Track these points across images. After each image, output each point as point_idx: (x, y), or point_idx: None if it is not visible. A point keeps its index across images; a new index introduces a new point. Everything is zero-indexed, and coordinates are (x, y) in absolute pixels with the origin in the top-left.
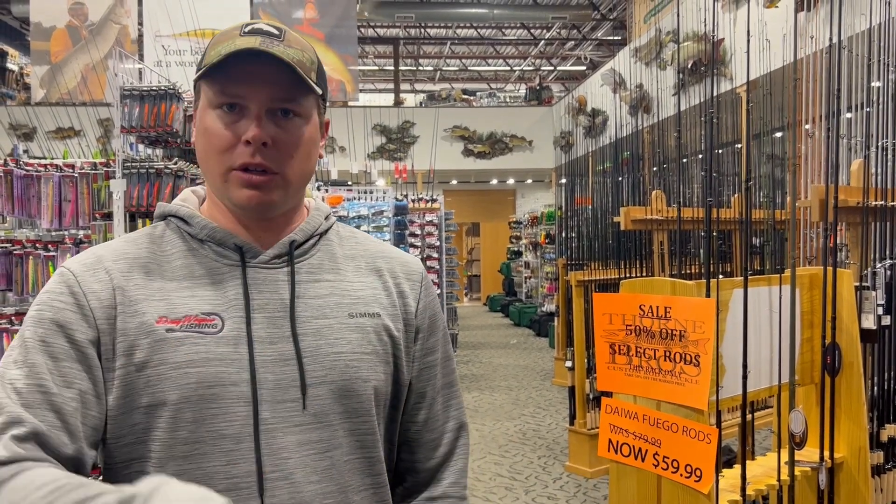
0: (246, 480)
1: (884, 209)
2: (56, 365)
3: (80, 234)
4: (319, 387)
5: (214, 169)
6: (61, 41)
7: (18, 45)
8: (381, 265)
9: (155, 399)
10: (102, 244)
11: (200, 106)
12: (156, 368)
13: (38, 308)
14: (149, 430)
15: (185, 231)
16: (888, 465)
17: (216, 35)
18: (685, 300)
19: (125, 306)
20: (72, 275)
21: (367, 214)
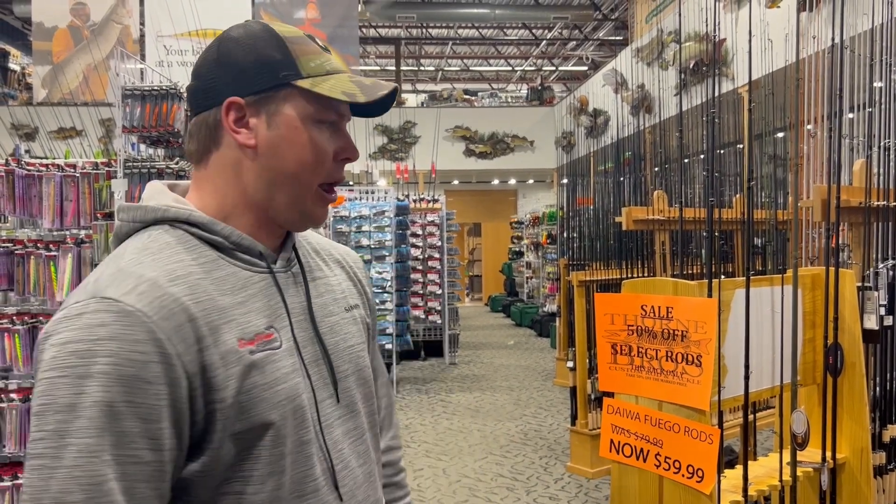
0: (324, 478)
1: (886, 209)
2: (148, 428)
3: (81, 233)
4: (346, 380)
5: (307, 184)
6: (63, 41)
7: (20, 45)
8: (338, 257)
9: (253, 423)
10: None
11: (290, 114)
12: (248, 393)
13: (110, 362)
14: (244, 451)
15: (199, 238)
16: (890, 465)
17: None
18: (687, 300)
19: (207, 338)
20: (142, 314)
21: (369, 215)
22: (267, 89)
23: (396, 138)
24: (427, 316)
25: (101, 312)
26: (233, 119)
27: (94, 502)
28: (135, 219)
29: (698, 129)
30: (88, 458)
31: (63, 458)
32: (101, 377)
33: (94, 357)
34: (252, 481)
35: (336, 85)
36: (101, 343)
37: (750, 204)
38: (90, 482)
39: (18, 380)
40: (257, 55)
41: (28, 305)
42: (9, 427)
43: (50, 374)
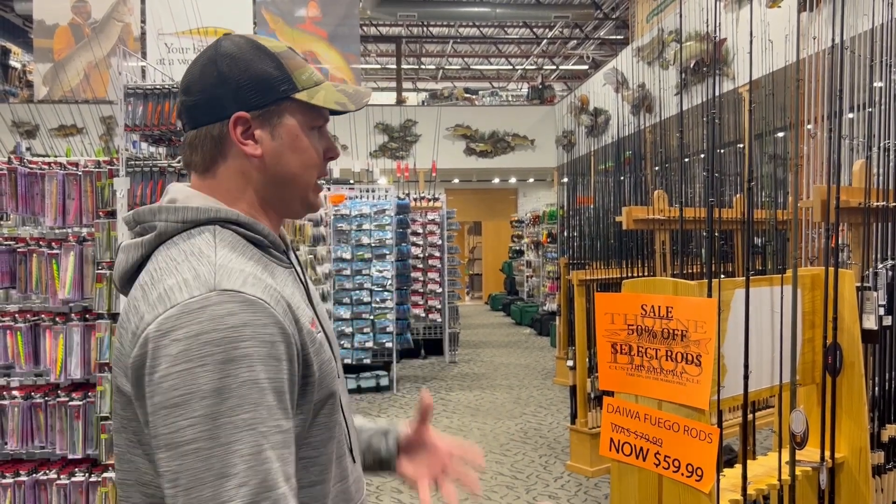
0: (346, 442)
1: (885, 210)
2: (283, 399)
3: (83, 232)
4: (339, 360)
5: (309, 181)
6: (64, 39)
7: (21, 43)
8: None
9: (324, 393)
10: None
11: (291, 124)
12: (322, 368)
13: (249, 345)
14: (311, 419)
15: (245, 236)
16: (889, 465)
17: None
18: (687, 300)
19: (300, 321)
20: (263, 302)
21: (370, 213)
22: (270, 103)
23: (397, 137)
24: (427, 314)
25: (228, 303)
26: (240, 132)
27: (255, 471)
28: (185, 219)
29: (699, 128)
30: (247, 432)
31: (219, 437)
32: (243, 360)
33: (231, 343)
34: (317, 446)
35: (328, 96)
36: (235, 330)
37: (750, 204)
38: (250, 452)
39: (20, 377)
40: (256, 72)
41: (30, 303)
42: (11, 424)
43: (186, 366)
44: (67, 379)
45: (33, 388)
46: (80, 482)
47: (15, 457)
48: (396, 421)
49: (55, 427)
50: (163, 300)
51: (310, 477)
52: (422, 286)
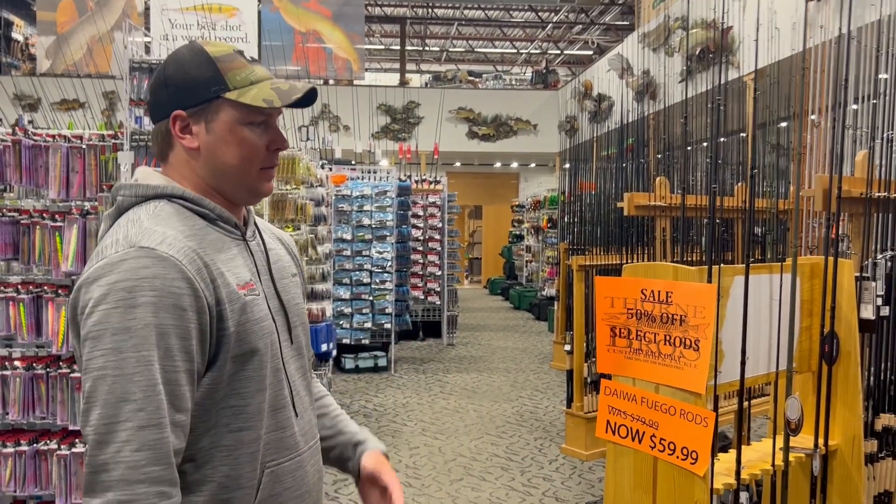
0: (288, 398)
1: (886, 200)
2: (184, 345)
3: (86, 205)
4: (296, 328)
5: (252, 171)
6: (68, 12)
7: (24, 15)
8: (278, 236)
9: (246, 349)
10: (151, 222)
11: (225, 120)
12: (245, 326)
13: (155, 294)
14: (237, 372)
15: (192, 210)
16: (882, 453)
17: (219, 58)
18: (686, 285)
19: (217, 279)
20: (175, 259)
21: (371, 194)
22: (202, 102)
23: (399, 118)
24: (426, 297)
25: (142, 258)
26: (179, 128)
27: (148, 399)
28: (137, 195)
29: (702, 116)
30: (145, 366)
31: (123, 368)
32: (149, 306)
33: (141, 291)
34: (245, 396)
35: (258, 94)
36: (146, 280)
37: (752, 191)
38: (147, 384)
39: (22, 348)
40: (193, 75)
41: (33, 275)
42: (12, 394)
43: (103, 307)
44: (69, 351)
45: (35, 359)
46: (80, 452)
47: (16, 427)
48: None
49: (56, 398)
50: (98, 255)
51: (238, 423)
52: (421, 268)
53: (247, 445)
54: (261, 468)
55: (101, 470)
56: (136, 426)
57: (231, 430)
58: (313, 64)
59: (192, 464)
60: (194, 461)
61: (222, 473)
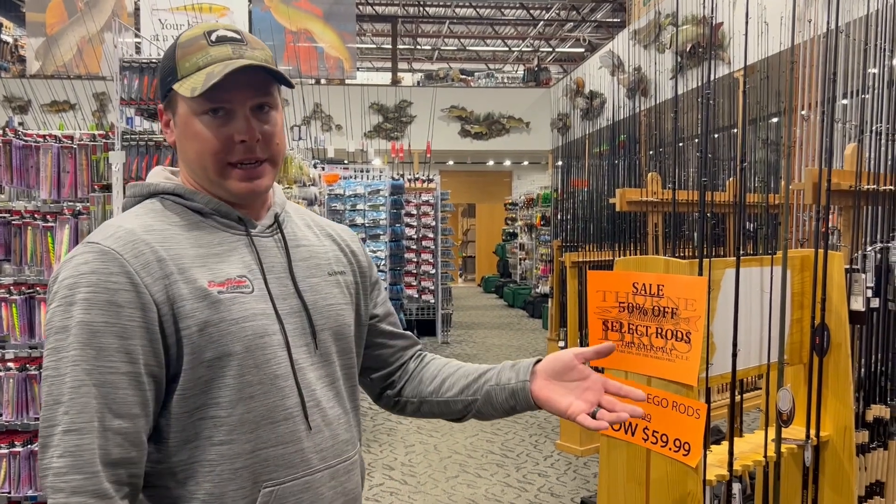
0: (296, 409)
1: (875, 193)
2: (123, 344)
3: (78, 205)
4: (322, 332)
5: (211, 167)
6: (57, 13)
7: (13, 17)
8: (330, 232)
9: (221, 351)
10: (115, 220)
11: (181, 112)
12: (217, 326)
13: (90, 290)
14: (214, 378)
15: (185, 206)
16: (873, 444)
17: (181, 44)
18: (678, 278)
19: (176, 275)
20: (115, 253)
21: (364, 193)
22: (165, 96)
23: (392, 117)
24: (420, 295)
25: (86, 253)
26: (163, 122)
27: (73, 401)
28: (135, 194)
29: (693, 111)
30: (73, 367)
31: (59, 368)
32: (82, 303)
33: (78, 287)
34: (223, 406)
35: (192, 82)
36: (83, 276)
37: (742, 185)
38: (73, 385)
39: (15, 349)
40: (163, 66)
41: (25, 276)
42: (6, 396)
43: (52, 306)
44: None
45: (28, 360)
46: None
47: (10, 428)
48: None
49: None
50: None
51: (219, 436)
52: (415, 267)
53: (230, 461)
54: (254, 486)
55: (41, 475)
56: (63, 430)
57: (213, 443)
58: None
59: (173, 479)
60: (175, 476)
61: (205, 490)
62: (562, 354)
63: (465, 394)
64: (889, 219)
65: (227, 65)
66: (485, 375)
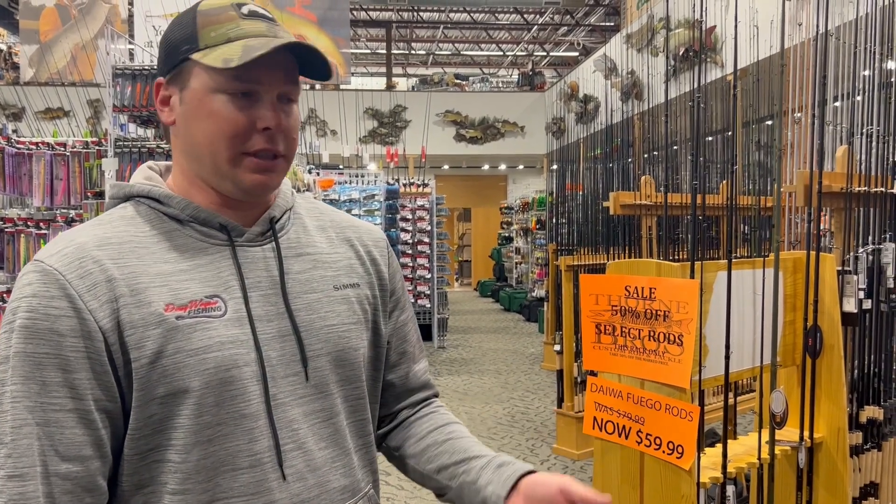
0: (267, 454)
1: (867, 195)
2: (67, 378)
3: (71, 213)
4: (317, 359)
5: (224, 153)
6: (51, 20)
7: (7, 24)
8: (350, 235)
9: (175, 388)
10: (74, 230)
11: (196, 87)
12: (172, 357)
13: (29, 316)
14: (168, 418)
15: (160, 211)
16: (867, 445)
17: (203, 11)
18: (670, 281)
19: (127, 297)
20: (58, 273)
21: (359, 198)
22: (174, 66)
23: (387, 122)
24: (416, 300)
25: (30, 273)
26: (160, 99)
27: (16, 444)
28: (114, 195)
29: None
30: (12, 403)
31: (2, 403)
32: (21, 330)
33: (18, 312)
34: (177, 450)
35: (223, 53)
36: (24, 300)
37: (733, 189)
38: (13, 424)
39: None
40: (173, 34)
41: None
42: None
43: None
44: None
45: None
46: None
47: None
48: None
49: None
50: None
51: (173, 483)
52: (411, 272)
53: None
54: None
55: None
56: (5, 475)
57: (168, 491)
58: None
59: None
60: None
61: None
62: (549, 483)
63: (441, 475)
64: (881, 220)
65: (270, 41)
66: (468, 463)
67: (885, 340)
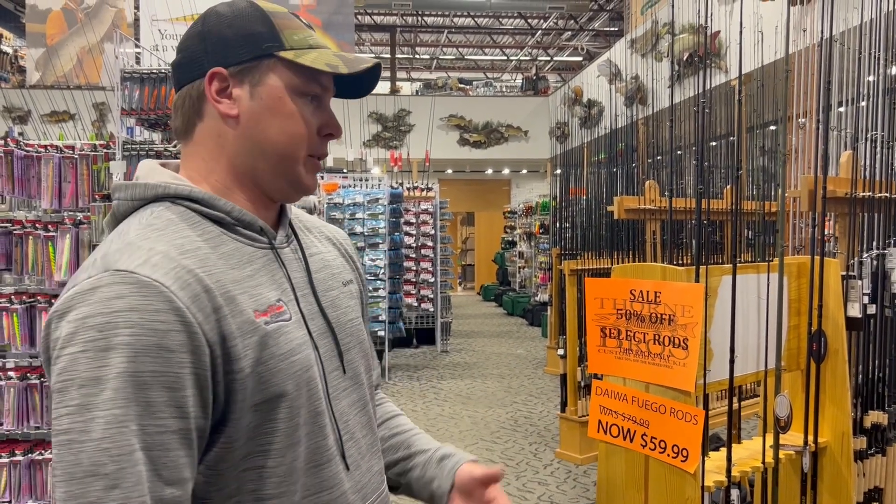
0: (335, 448)
1: (871, 200)
2: (174, 397)
3: (79, 215)
4: (349, 352)
5: (299, 153)
6: (57, 24)
7: (12, 28)
8: (329, 234)
9: (271, 393)
10: (133, 237)
11: (274, 85)
12: (266, 364)
13: (131, 333)
14: (262, 424)
15: (203, 213)
16: (871, 450)
17: (272, 13)
18: (675, 285)
19: (224, 307)
20: (160, 285)
21: (363, 202)
22: (250, 59)
23: (391, 126)
24: (419, 304)
25: (117, 285)
26: (216, 89)
27: (122, 472)
28: (134, 196)
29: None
30: (117, 428)
31: (91, 430)
32: (123, 348)
33: (114, 329)
34: (272, 454)
35: (319, 57)
36: (120, 315)
37: (737, 194)
38: (119, 452)
39: (16, 358)
40: (241, 28)
41: (25, 285)
42: (6, 405)
43: (70, 350)
44: None
45: (29, 369)
46: None
47: (10, 437)
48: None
49: (50, 408)
50: (73, 280)
51: (266, 488)
52: (414, 276)
53: None
54: None
55: None
56: None
57: (257, 497)
58: None
59: None
60: None
61: None
62: (466, 472)
63: (391, 472)
64: (885, 226)
65: (360, 59)
66: (414, 459)
67: (890, 345)
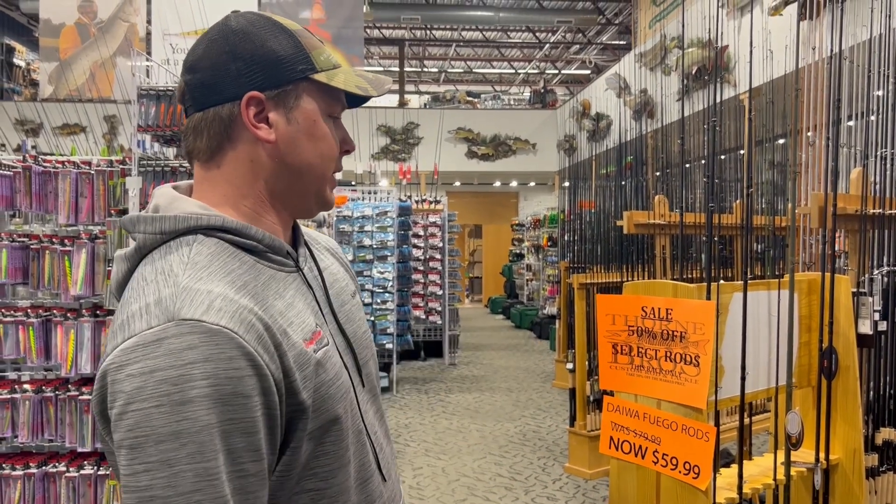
0: (374, 461)
1: (881, 217)
2: (251, 441)
3: (95, 230)
4: (366, 365)
5: (322, 174)
6: (70, 38)
7: (26, 42)
8: (326, 245)
9: (326, 418)
10: (188, 279)
11: (309, 108)
12: (320, 391)
13: (209, 384)
14: (316, 448)
15: (235, 243)
16: (883, 467)
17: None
18: (686, 302)
19: (283, 344)
20: (229, 331)
21: (372, 215)
22: (286, 83)
23: (399, 139)
24: (427, 316)
25: (187, 335)
26: (253, 114)
27: None
28: (163, 230)
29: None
30: (209, 482)
31: (178, 485)
32: (202, 400)
33: (189, 381)
34: (326, 476)
35: (348, 79)
36: (195, 366)
37: (748, 210)
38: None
39: (31, 371)
40: (271, 48)
41: (41, 299)
42: (22, 417)
43: (141, 406)
44: (77, 374)
45: (44, 382)
46: (88, 475)
47: (25, 449)
48: None
49: (65, 420)
50: (123, 328)
51: None
52: (422, 288)
53: None
54: None
55: None
56: None
57: None
58: None
59: None
60: None
61: None
62: None
63: None
64: None
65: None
66: None
67: None
